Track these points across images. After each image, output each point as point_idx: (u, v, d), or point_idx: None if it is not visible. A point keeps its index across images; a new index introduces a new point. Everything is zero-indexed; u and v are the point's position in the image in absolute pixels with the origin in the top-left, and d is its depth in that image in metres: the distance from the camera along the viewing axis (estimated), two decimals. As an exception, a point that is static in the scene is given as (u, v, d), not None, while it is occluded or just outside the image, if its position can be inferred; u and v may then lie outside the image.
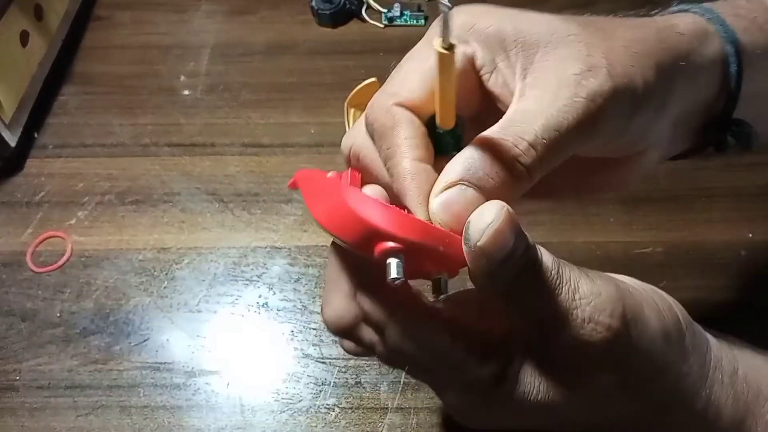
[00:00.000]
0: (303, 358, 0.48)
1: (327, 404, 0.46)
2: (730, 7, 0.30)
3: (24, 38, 0.60)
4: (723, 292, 0.50)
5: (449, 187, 0.24)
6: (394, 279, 0.22)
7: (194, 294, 0.51)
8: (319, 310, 0.50)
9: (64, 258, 0.53)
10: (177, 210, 0.56)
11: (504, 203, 0.23)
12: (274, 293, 0.51)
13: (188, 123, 0.62)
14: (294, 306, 0.51)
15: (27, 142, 0.60)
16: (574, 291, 0.24)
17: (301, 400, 0.46)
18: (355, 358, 0.48)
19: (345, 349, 0.29)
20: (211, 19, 0.72)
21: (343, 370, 0.47)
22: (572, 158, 0.25)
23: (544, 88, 0.24)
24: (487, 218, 0.22)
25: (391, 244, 0.22)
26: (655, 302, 0.26)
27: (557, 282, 0.23)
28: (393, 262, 0.22)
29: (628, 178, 0.30)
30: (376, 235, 0.22)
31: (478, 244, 0.22)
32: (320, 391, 0.46)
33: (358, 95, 0.58)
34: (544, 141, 0.24)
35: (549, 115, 0.24)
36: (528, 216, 0.51)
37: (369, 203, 0.23)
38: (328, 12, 0.69)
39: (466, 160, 0.24)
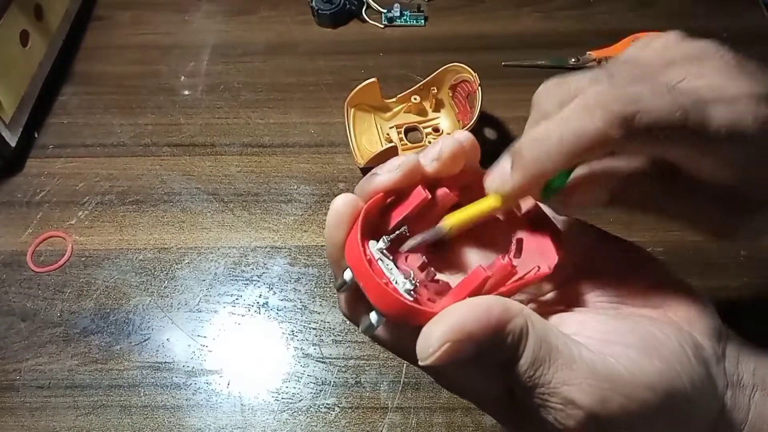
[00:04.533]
0: (303, 358, 0.48)
1: (327, 404, 0.46)
2: None
3: (24, 38, 0.60)
4: (723, 292, 0.50)
5: None
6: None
7: (194, 294, 0.51)
8: (318, 310, 0.50)
9: (64, 258, 0.53)
10: (177, 210, 0.56)
11: (453, 324, 0.22)
12: (274, 293, 0.51)
13: (188, 123, 0.62)
14: (294, 306, 0.51)
15: (27, 142, 0.60)
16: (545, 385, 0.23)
17: (301, 399, 0.46)
18: (355, 357, 0.48)
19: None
20: (211, 19, 0.72)
21: (343, 369, 0.47)
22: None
23: None
24: (432, 344, 0.22)
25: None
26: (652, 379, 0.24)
27: (532, 376, 0.23)
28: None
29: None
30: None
31: (422, 364, 0.22)
32: (320, 391, 0.46)
33: (358, 95, 0.58)
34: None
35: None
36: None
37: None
38: (328, 12, 0.69)
39: None
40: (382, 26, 0.70)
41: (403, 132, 0.60)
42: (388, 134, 0.59)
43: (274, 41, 0.69)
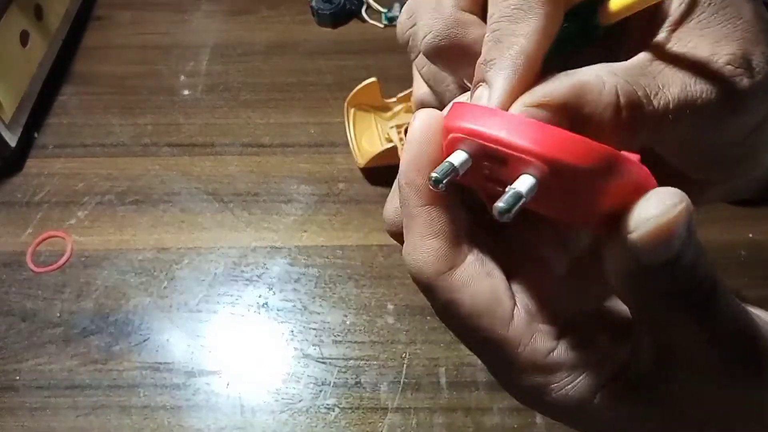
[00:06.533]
0: (303, 358, 0.48)
1: (327, 404, 0.46)
2: None
3: (24, 38, 0.60)
4: (723, 292, 0.50)
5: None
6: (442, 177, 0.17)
7: (194, 294, 0.51)
8: (318, 310, 0.50)
9: (64, 258, 0.53)
10: (177, 210, 0.56)
11: (682, 194, 0.18)
12: (274, 293, 0.51)
13: (188, 123, 0.62)
14: (294, 306, 0.51)
15: (27, 142, 0.60)
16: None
17: (301, 400, 0.46)
18: (355, 358, 0.48)
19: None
20: (211, 19, 0.72)
21: (343, 370, 0.47)
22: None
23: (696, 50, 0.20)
24: (653, 209, 0.17)
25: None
26: None
27: (712, 315, 0.19)
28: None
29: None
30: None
31: (630, 236, 0.17)
32: (320, 391, 0.46)
33: (358, 95, 0.58)
34: (669, 115, 0.19)
35: (688, 88, 0.19)
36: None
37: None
38: (328, 12, 0.69)
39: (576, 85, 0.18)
40: (382, 26, 0.70)
41: (403, 132, 0.59)
42: (388, 134, 0.59)
43: (274, 41, 0.69)
